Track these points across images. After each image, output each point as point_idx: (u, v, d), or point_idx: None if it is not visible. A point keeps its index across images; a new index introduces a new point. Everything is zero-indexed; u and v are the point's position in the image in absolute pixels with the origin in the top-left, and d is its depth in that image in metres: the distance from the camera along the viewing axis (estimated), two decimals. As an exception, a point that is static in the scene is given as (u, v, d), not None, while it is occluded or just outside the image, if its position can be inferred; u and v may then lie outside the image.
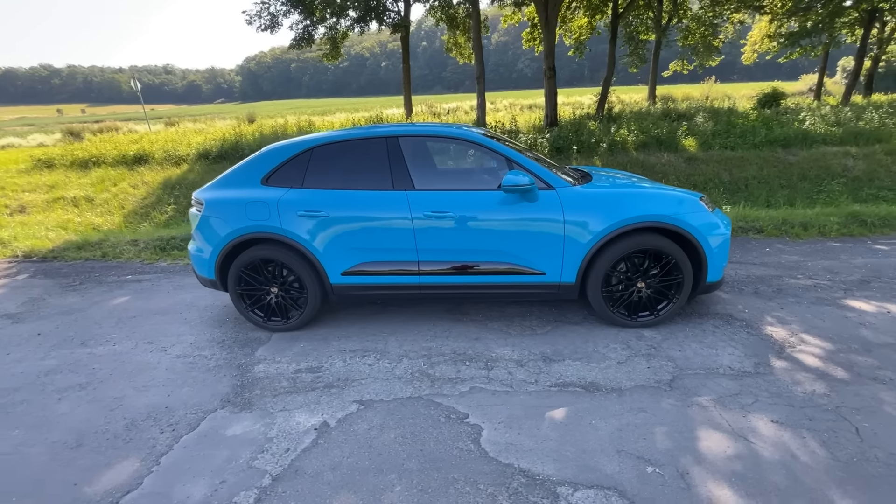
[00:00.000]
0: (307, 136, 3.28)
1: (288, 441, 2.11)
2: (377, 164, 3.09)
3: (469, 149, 3.27)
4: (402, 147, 3.08)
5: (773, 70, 68.35)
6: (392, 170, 3.04)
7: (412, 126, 3.27)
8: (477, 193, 2.98)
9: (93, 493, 1.85)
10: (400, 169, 3.05)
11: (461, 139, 3.15)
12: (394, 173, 3.04)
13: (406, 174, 3.04)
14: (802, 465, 1.81)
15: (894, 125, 9.11)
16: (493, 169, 3.26)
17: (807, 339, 2.81)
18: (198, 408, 2.41)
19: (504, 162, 3.03)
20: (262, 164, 3.19)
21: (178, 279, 4.59)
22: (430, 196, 2.97)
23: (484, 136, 3.13)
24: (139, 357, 3.01)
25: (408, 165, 3.05)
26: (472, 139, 3.10)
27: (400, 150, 3.07)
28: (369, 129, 3.26)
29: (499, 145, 3.06)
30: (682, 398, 2.28)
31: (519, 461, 1.90)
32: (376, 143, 3.11)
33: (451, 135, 3.19)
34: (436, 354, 2.85)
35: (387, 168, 3.05)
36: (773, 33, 18.04)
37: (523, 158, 3.01)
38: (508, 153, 3.02)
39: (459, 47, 15.89)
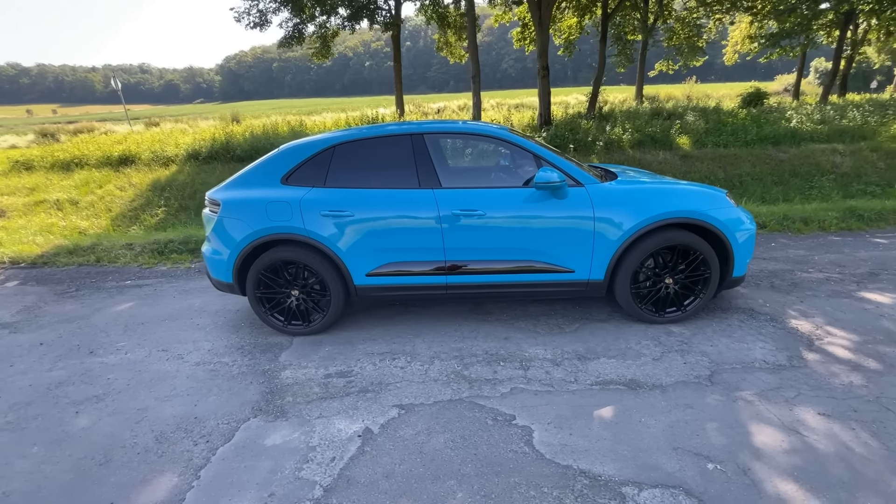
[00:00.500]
0: (326, 135, 3.19)
1: (332, 449, 2.03)
2: (402, 162, 3.02)
3: (495, 146, 3.23)
4: (428, 144, 3.02)
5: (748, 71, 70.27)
6: (418, 168, 2.97)
7: (436, 123, 3.21)
8: (506, 191, 2.94)
9: (132, 512, 1.74)
10: (426, 167, 2.98)
11: (490, 136, 3.10)
12: (420, 171, 2.97)
13: (433, 172, 2.98)
14: (859, 456, 1.82)
15: (876, 123, 9.43)
16: (518, 166, 3.22)
17: (832, 331, 2.86)
18: (229, 417, 2.30)
19: (532, 159, 3.00)
20: (281, 162, 3.08)
21: (182, 283, 4.42)
22: (459, 194, 2.92)
23: (512, 134, 3.09)
24: (155, 366, 2.87)
25: (434, 163, 2.99)
26: (501, 136, 3.06)
27: (426, 147, 3.01)
28: (391, 126, 3.18)
29: (528, 142, 3.03)
30: (726, 393, 2.28)
31: (577, 462, 1.87)
32: (401, 140, 3.04)
33: (479, 132, 3.14)
34: (468, 355, 2.80)
35: (412, 166, 2.99)
36: (755, 34, 18.54)
37: (552, 155, 2.98)
38: (537, 150, 2.99)
39: (450, 47, 15.86)
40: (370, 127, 3.21)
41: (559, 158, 2.97)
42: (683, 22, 18.01)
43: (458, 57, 16.23)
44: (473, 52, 10.99)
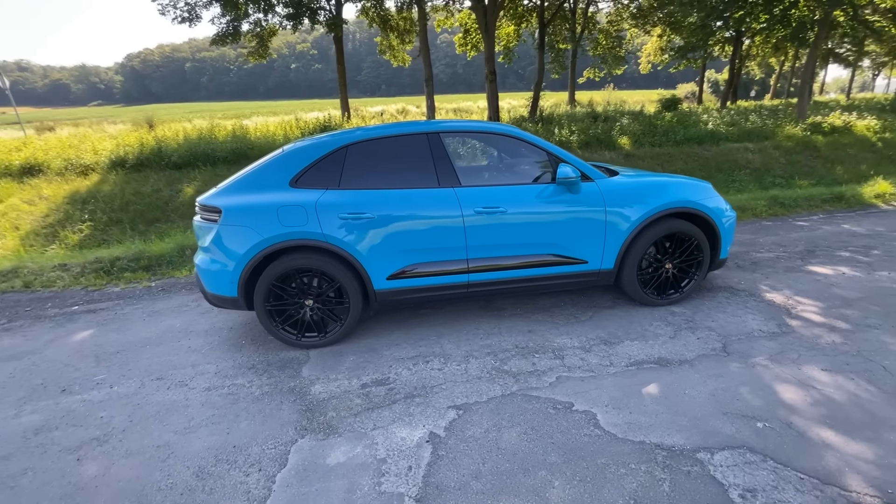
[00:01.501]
0: (336, 134, 3.04)
1: (405, 459, 1.94)
2: (420, 162, 2.97)
3: (508, 144, 3.29)
4: (444, 143, 3.00)
5: (652, 80, 78.18)
6: (437, 167, 2.95)
7: (449, 122, 3.20)
8: (525, 187, 3.02)
9: (203, 559, 1.53)
10: (445, 165, 2.96)
11: (506, 135, 3.17)
12: (438, 170, 2.95)
13: (451, 170, 2.97)
14: (866, 401, 2.14)
15: (772, 125, 11.02)
16: (529, 163, 3.32)
17: (801, 300, 3.31)
18: (274, 441, 2.10)
19: (544, 156, 3.11)
20: (288, 164, 2.88)
21: (147, 305, 3.93)
22: (480, 192, 2.94)
23: (524, 132, 3.18)
24: (157, 396, 2.53)
25: (452, 162, 2.98)
26: (516, 135, 3.13)
27: (443, 146, 2.99)
28: (405, 125, 3.12)
29: (541, 140, 3.13)
30: (742, 360, 2.55)
31: (648, 437, 1.98)
32: (417, 139, 2.99)
33: (496, 131, 3.19)
34: (499, 351, 2.83)
35: (431, 165, 2.95)
36: (665, 47, 20.76)
37: (564, 153, 3.11)
38: (550, 148, 3.10)
39: (393, 50, 15.76)
40: (380, 126, 3.12)
41: (570, 156, 3.12)
42: (606, 33, 19.63)
43: (402, 60, 16.19)
44: (425, 56, 11.05)
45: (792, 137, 9.94)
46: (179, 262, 5.00)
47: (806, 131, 10.27)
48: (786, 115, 11.65)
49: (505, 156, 3.45)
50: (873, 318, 2.98)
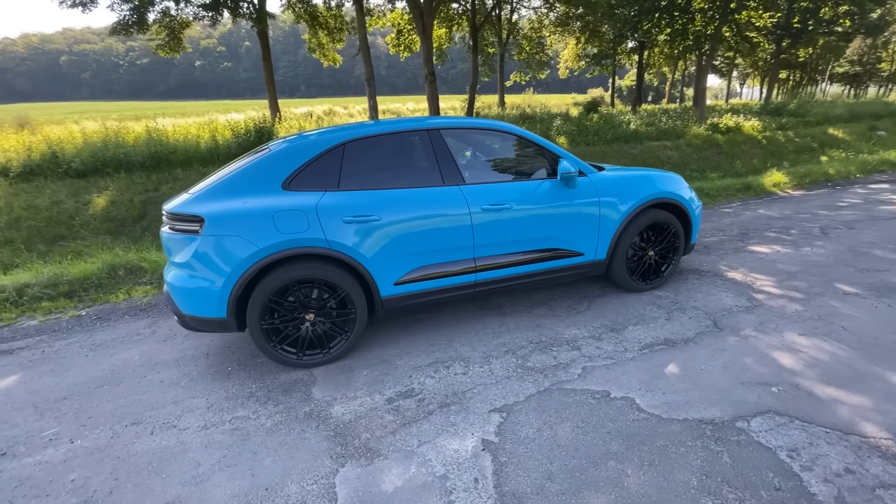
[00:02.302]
0: (328, 131, 2.80)
1: (467, 471, 1.83)
2: (422, 159, 2.85)
3: (505, 140, 3.27)
4: (446, 140, 2.91)
5: (564, 85, 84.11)
6: (440, 164, 2.84)
7: (448, 119, 3.10)
8: (527, 183, 3.04)
9: None
10: (447, 163, 2.87)
11: (505, 131, 3.14)
12: (442, 168, 2.85)
13: (454, 168, 2.88)
14: (844, 357, 2.47)
15: (681, 125, 12.43)
16: (524, 159, 3.34)
17: (756, 276, 3.75)
18: (312, 475, 1.86)
19: (541, 151, 3.15)
20: (279, 164, 2.58)
21: (84, 337, 3.30)
22: (485, 189, 2.89)
23: (521, 129, 3.19)
24: (141, 445, 2.11)
25: (455, 159, 2.90)
26: (513, 131, 3.13)
27: (444, 143, 2.89)
28: (402, 122, 2.96)
29: (537, 137, 3.17)
30: (734, 334, 2.81)
31: (688, 414, 2.09)
32: (417, 136, 2.86)
33: (494, 127, 3.15)
34: (516, 348, 2.81)
35: (434, 162, 2.84)
36: (581, 54, 22.45)
37: (559, 148, 3.19)
38: (546, 144, 3.15)
39: (323, 48, 15.07)
40: (377, 123, 2.93)
41: (564, 151, 3.20)
42: (529, 39, 20.70)
43: (333, 60, 15.55)
44: (366, 55, 10.72)
45: (699, 136, 11.30)
46: (112, 285, 4.27)
47: (708, 131, 11.74)
48: (689, 117, 13.22)
49: (500, 152, 3.45)
50: (816, 286, 3.47)
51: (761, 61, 30.33)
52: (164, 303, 3.84)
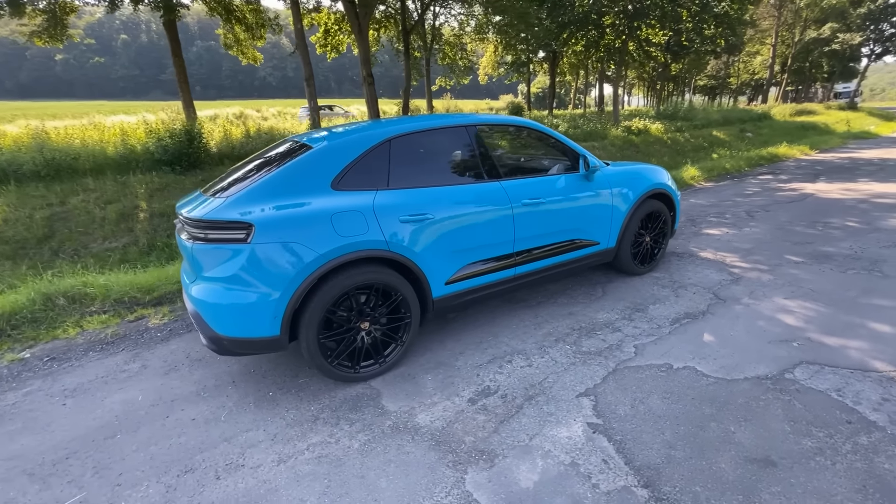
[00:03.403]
0: (368, 126, 2.65)
1: (591, 454, 1.87)
2: (464, 155, 2.82)
3: (531, 137, 3.34)
4: (483, 137, 2.91)
5: (476, 92, 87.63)
6: (481, 160, 2.84)
7: (480, 116, 3.08)
8: (555, 177, 3.16)
9: None
10: (487, 159, 2.88)
11: (530, 128, 3.22)
12: (483, 164, 2.84)
13: (493, 164, 2.90)
14: (826, 311, 2.99)
15: (602, 127, 13.76)
16: (545, 154, 3.45)
17: (724, 254, 4.33)
18: (440, 487, 1.75)
19: (561, 147, 3.30)
20: (326, 163, 2.36)
21: (43, 385, 2.69)
22: (522, 184, 2.95)
23: (544, 126, 3.30)
24: (215, 494, 1.79)
25: (492, 155, 2.91)
26: (538, 128, 3.22)
27: (482, 140, 2.89)
28: (441, 118, 2.90)
29: (558, 133, 3.30)
30: (737, 303, 3.23)
31: (745, 373, 2.36)
32: (459, 132, 2.82)
33: (522, 124, 3.21)
34: (563, 336, 2.91)
35: (475, 158, 2.83)
36: (499, 61, 23.64)
37: (576, 144, 3.36)
38: (565, 140, 3.31)
39: (240, 45, 13.84)
40: (416, 118, 2.82)
41: (581, 147, 3.39)
42: (450, 45, 21.24)
43: (253, 58, 14.36)
44: (304, 53, 10.08)
45: (619, 137, 12.61)
46: (52, 319, 3.51)
47: (624, 133, 13.16)
48: (605, 120, 14.70)
49: (526, 148, 3.53)
50: (773, 259, 4.12)
51: (645, 73, 34.79)
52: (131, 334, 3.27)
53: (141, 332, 3.32)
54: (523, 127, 3.24)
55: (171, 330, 3.33)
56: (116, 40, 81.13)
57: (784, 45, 30.59)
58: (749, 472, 1.73)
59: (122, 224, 6.38)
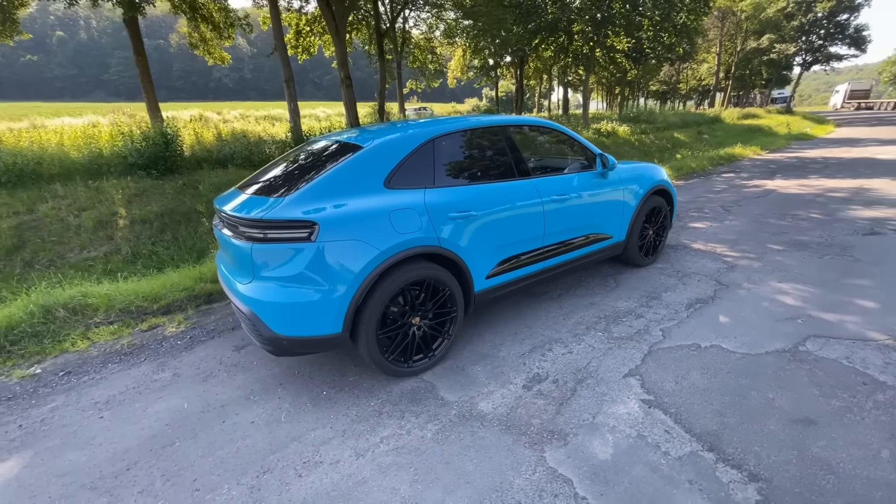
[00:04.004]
0: (411, 125, 2.70)
1: (654, 426, 2.03)
2: (498, 154, 2.93)
3: (552, 137, 3.50)
4: (514, 137, 3.03)
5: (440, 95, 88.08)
6: (515, 159, 2.97)
7: (508, 117, 3.19)
8: (576, 175, 3.33)
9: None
10: (518, 158, 3.01)
11: (553, 129, 3.38)
12: (516, 163, 2.97)
13: (523, 162, 3.04)
14: (816, 291, 3.33)
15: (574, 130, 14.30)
16: (562, 153, 3.62)
17: (714, 245, 4.69)
18: (525, 467, 1.84)
19: (579, 146, 3.49)
20: (378, 162, 2.40)
21: (70, 399, 2.56)
22: (550, 181, 3.11)
23: (564, 127, 3.46)
24: (301, 490, 1.80)
25: (523, 154, 3.05)
26: (559, 129, 3.39)
27: (513, 139, 3.02)
28: (475, 118, 2.99)
29: (576, 134, 3.48)
30: (739, 287, 3.53)
31: (765, 348, 2.61)
32: (493, 132, 2.94)
33: (546, 125, 3.36)
34: (592, 324, 3.08)
35: (508, 157, 2.95)
36: (468, 65, 24.00)
37: (591, 144, 3.56)
38: (582, 140, 3.50)
39: (207, 44, 13.30)
40: (453, 119, 2.90)
41: (595, 147, 3.59)
42: (420, 48, 21.36)
43: (220, 58, 13.83)
44: (283, 54, 9.84)
45: (590, 139, 13.17)
46: (55, 332, 3.30)
47: (595, 135, 13.76)
48: (575, 123, 15.31)
49: (548, 147, 3.69)
50: (758, 248, 4.52)
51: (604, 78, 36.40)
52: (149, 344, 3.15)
53: (159, 342, 3.19)
54: (547, 128, 3.40)
55: (191, 338, 3.22)
56: (51, 37, 75.01)
57: (727, 53, 33.01)
58: (795, 431, 1.95)
59: (101, 232, 6.03)
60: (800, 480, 1.69)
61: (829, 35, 28.54)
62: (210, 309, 3.73)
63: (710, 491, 1.68)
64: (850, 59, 29.20)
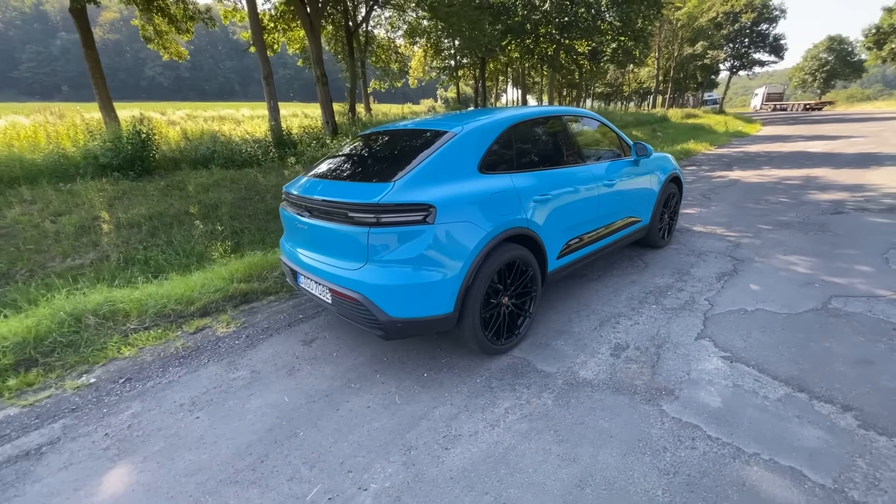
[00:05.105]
0: (487, 112, 2.81)
1: (744, 377, 2.28)
2: (560, 141, 3.11)
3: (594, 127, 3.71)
4: (569, 126, 3.22)
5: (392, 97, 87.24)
6: (573, 147, 3.16)
7: (564, 108, 3.35)
8: (617, 162, 3.58)
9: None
10: (575, 145, 3.21)
11: (594, 119, 3.60)
12: (574, 149, 3.17)
13: (579, 150, 3.23)
14: (818, 261, 3.82)
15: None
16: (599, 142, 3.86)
17: (713, 227, 5.16)
18: (654, 419, 2.02)
19: (615, 136, 3.75)
20: (471, 148, 2.49)
21: (147, 405, 2.43)
22: (602, 167, 3.33)
23: (604, 118, 3.70)
24: (453, 461, 1.86)
25: (578, 142, 3.24)
26: (600, 120, 3.62)
27: (568, 128, 3.20)
28: (536, 108, 3.13)
29: (612, 125, 3.73)
30: (752, 261, 3.96)
31: (801, 308, 2.98)
32: (554, 121, 3.11)
33: (590, 115, 3.56)
34: (643, 299, 3.33)
35: (568, 144, 3.14)
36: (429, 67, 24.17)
37: (624, 135, 3.83)
38: (617, 131, 3.76)
39: (163, 38, 12.43)
40: (520, 108, 3.02)
41: (627, 137, 3.87)
42: (382, 48, 21.23)
43: (177, 54, 12.96)
44: (261, 50, 9.41)
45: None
46: (91, 340, 3.06)
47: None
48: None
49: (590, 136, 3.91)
50: (751, 228, 5.04)
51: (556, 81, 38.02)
52: (205, 346, 3.01)
53: (214, 343, 3.06)
54: (590, 118, 3.63)
55: (247, 337, 3.12)
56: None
57: (665, 58, 35.73)
58: (861, 370, 2.28)
59: (84, 238, 5.55)
60: (884, 406, 2.01)
61: (753, 43, 31.77)
62: (253, 308, 3.60)
63: (817, 422, 1.95)
64: (770, 64, 32.65)
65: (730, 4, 30.74)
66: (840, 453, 1.77)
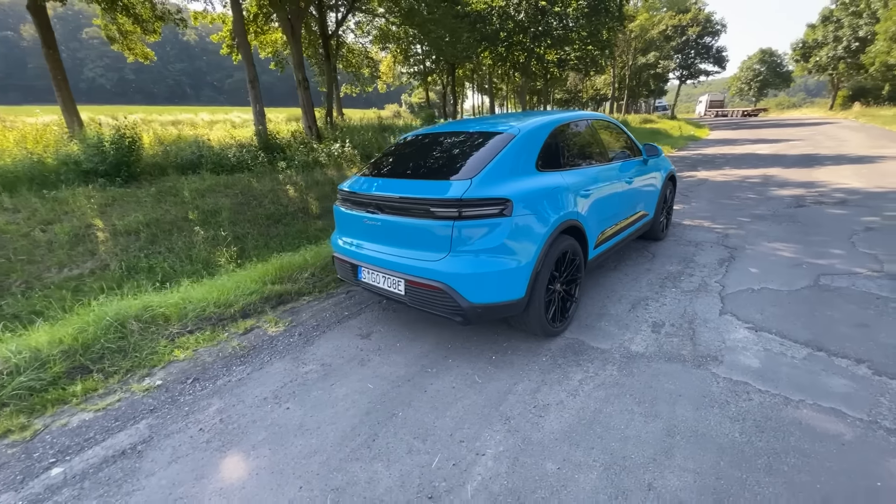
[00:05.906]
0: (534, 114, 3.07)
1: (771, 343, 2.66)
2: (593, 142, 3.42)
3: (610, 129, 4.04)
4: (597, 128, 3.55)
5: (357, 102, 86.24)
6: (601, 147, 3.48)
7: (590, 113, 3.65)
8: (631, 161, 3.95)
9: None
10: (602, 146, 3.53)
11: (611, 122, 3.94)
12: (602, 150, 3.49)
13: (605, 150, 3.56)
14: (803, 248, 4.37)
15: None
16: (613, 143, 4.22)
17: (700, 220, 5.70)
18: (709, 381, 2.34)
19: (628, 138, 4.12)
20: (529, 148, 2.74)
21: (230, 402, 2.49)
22: (622, 166, 3.68)
23: (617, 121, 4.06)
24: (560, 423, 2.08)
25: (605, 142, 3.58)
26: (615, 123, 3.97)
27: (596, 130, 3.53)
28: (569, 113, 3.41)
29: (624, 127, 4.10)
30: (744, 248, 4.46)
31: (799, 285, 3.45)
32: (586, 124, 3.41)
33: (608, 119, 3.90)
34: (661, 283, 3.70)
35: (598, 145, 3.46)
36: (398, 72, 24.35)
37: (634, 137, 4.22)
38: (629, 134, 4.13)
39: (127, 38, 11.85)
40: (557, 112, 3.30)
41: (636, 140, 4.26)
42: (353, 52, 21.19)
43: (143, 55, 12.37)
44: (246, 52, 9.21)
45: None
46: (137, 344, 3.04)
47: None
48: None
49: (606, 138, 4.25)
50: (733, 221, 5.61)
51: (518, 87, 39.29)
52: (261, 345, 3.09)
53: (269, 342, 3.11)
54: (608, 121, 3.99)
55: (300, 334, 3.20)
56: None
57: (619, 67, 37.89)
58: (862, 331, 2.73)
59: (80, 247, 5.34)
60: (889, 356, 2.44)
61: (699, 54, 34.37)
62: (293, 308, 3.66)
63: (839, 373, 2.34)
64: (714, 74, 35.44)
65: (677, 19, 33.13)
66: (865, 395, 2.15)
